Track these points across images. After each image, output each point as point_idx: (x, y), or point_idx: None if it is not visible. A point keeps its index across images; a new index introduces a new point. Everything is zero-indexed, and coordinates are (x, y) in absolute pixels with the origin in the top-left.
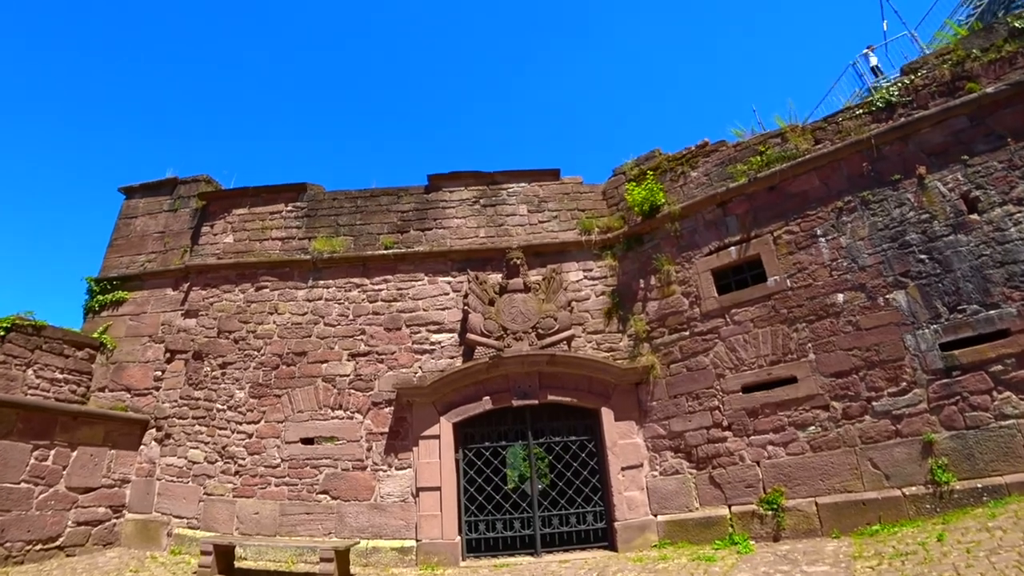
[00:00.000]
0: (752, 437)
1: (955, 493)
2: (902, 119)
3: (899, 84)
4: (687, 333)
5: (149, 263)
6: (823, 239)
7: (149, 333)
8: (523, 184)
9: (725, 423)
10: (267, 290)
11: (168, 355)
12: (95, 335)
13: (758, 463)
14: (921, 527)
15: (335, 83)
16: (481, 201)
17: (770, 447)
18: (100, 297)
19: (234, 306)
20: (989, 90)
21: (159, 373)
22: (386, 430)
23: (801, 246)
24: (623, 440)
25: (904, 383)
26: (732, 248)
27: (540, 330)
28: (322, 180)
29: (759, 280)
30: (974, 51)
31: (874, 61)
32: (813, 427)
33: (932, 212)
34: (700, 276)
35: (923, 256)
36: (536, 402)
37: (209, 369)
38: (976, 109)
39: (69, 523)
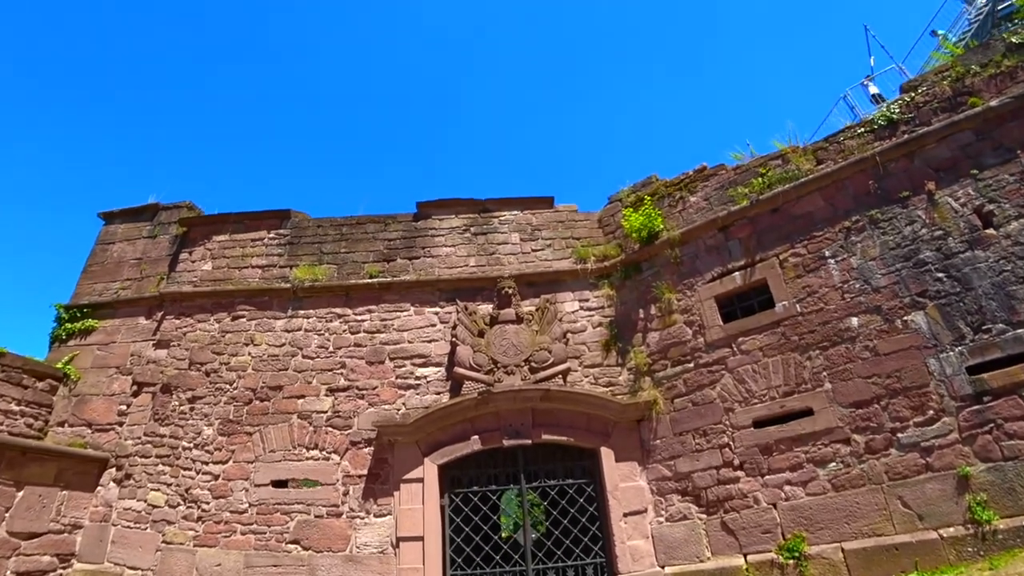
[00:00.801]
0: (767, 476)
1: (999, 533)
2: (905, 135)
3: (900, 102)
4: (691, 365)
5: (123, 290)
6: (832, 260)
7: (117, 364)
8: (516, 212)
9: (736, 462)
10: (244, 320)
11: (135, 388)
12: (59, 365)
13: (775, 505)
14: (966, 574)
15: (324, 109)
16: (472, 229)
17: (788, 487)
18: (68, 325)
19: (208, 336)
20: (993, 103)
21: (124, 407)
22: (365, 472)
23: (809, 269)
24: (625, 483)
25: (931, 412)
26: (736, 273)
27: (533, 363)
28: (309, 208)
29: (766, 306)
30: (973, 67)
31: (874, 90)
32: (834, 463)
33: (946, 228)
34: (703, 304)
35: (940, 274)
36: (529, 442)
37: (177, 403)
38: (981, 123)
39: (8, 573)
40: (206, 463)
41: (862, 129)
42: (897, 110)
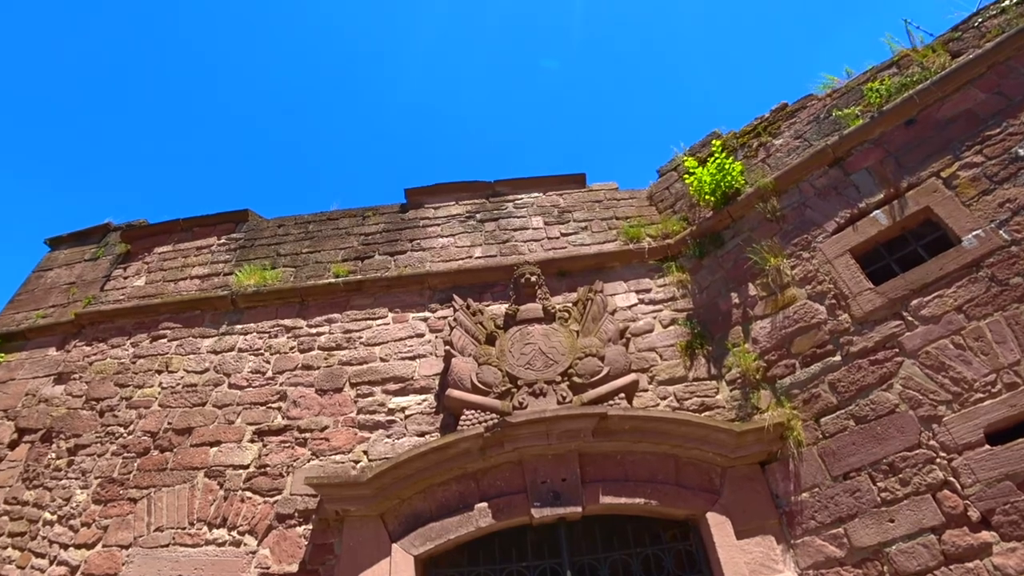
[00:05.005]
0: None
1: None
2: None
3: None
4: (837, 358)
5: (42, 319)
6: None
7: (6, 407)
8: (537, 194)
9: (974, 514)
10: (164, 340)
11: (16, 435)
12: None
13: None
14: None
15: (304, 105)
16: (478, 216)
17: None
18: None
19: (116, 364)
20: None
21: None
22: (295, 569)
23: (999, 178)
24: None
25: None
26: (877, 212)
27: (576, 377)
28: (283, 212)
29: (940, 247)
30: None
31: None
32: None
33: None
34: (833, 265)
35: None
36: (578, 510)
37: (55, 456)
38: None
39: None
40: (66, 546)
41: (1007, 2)
42: None
